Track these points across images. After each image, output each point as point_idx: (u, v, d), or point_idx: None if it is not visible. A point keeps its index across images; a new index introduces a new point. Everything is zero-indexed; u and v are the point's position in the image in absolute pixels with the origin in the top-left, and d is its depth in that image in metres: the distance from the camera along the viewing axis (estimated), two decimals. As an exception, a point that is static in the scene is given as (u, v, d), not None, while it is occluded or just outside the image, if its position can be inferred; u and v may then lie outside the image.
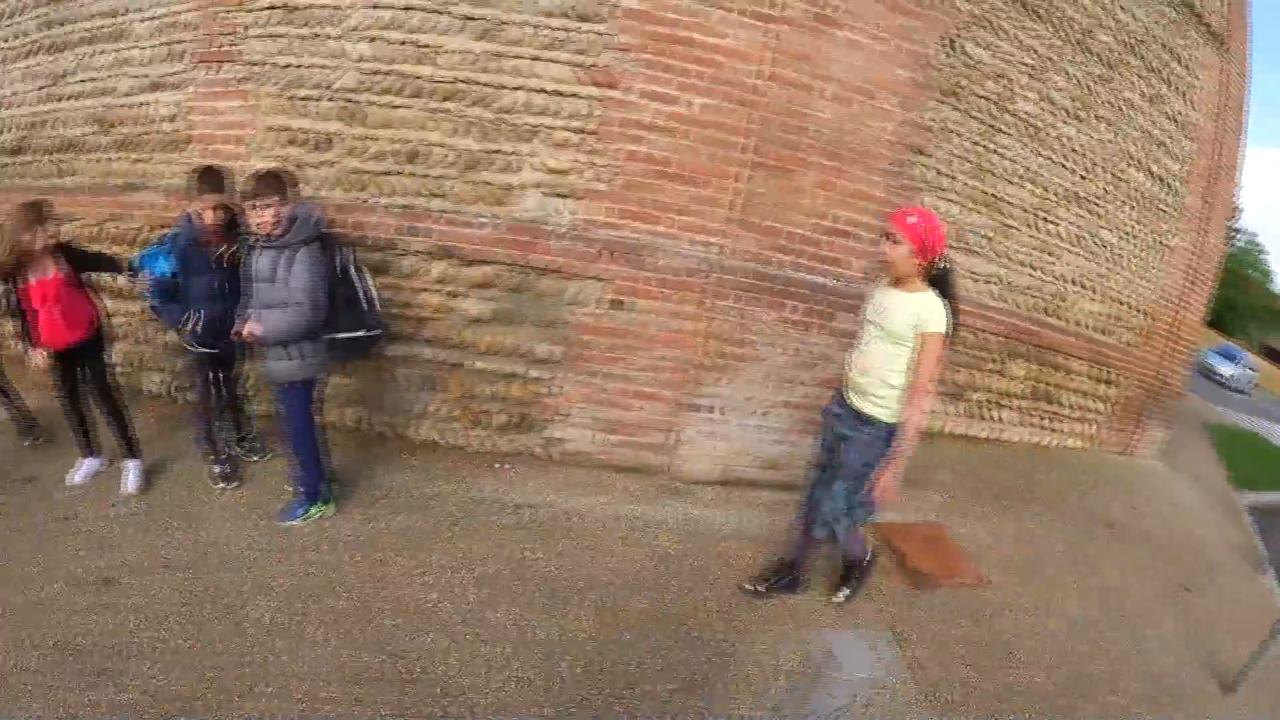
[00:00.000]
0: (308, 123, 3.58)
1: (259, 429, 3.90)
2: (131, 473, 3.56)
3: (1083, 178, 4.63)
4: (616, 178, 3.44)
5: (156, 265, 3.11)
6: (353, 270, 3.00)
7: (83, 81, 4.24)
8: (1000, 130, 4.39)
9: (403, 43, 3.43)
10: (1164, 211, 5.23)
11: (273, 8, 3.52)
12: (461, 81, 3.40)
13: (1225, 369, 18.13)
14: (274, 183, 2.77)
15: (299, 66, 3.57)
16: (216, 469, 3.63)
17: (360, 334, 3.00)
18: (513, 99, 3.40)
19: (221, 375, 3.52)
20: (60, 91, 4.36)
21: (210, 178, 3.03)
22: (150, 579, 3.07)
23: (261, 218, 2.74)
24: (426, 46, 3.42)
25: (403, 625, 2.98)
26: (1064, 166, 4.58)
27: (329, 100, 3.54)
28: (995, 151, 4.37)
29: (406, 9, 3.42)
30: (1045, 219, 4.57)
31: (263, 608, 2.95)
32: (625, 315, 3.51)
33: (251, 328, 2.86)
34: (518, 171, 3.45)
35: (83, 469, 3.78)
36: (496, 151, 3.44)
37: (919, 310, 2.45)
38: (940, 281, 2.48)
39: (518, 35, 3.37)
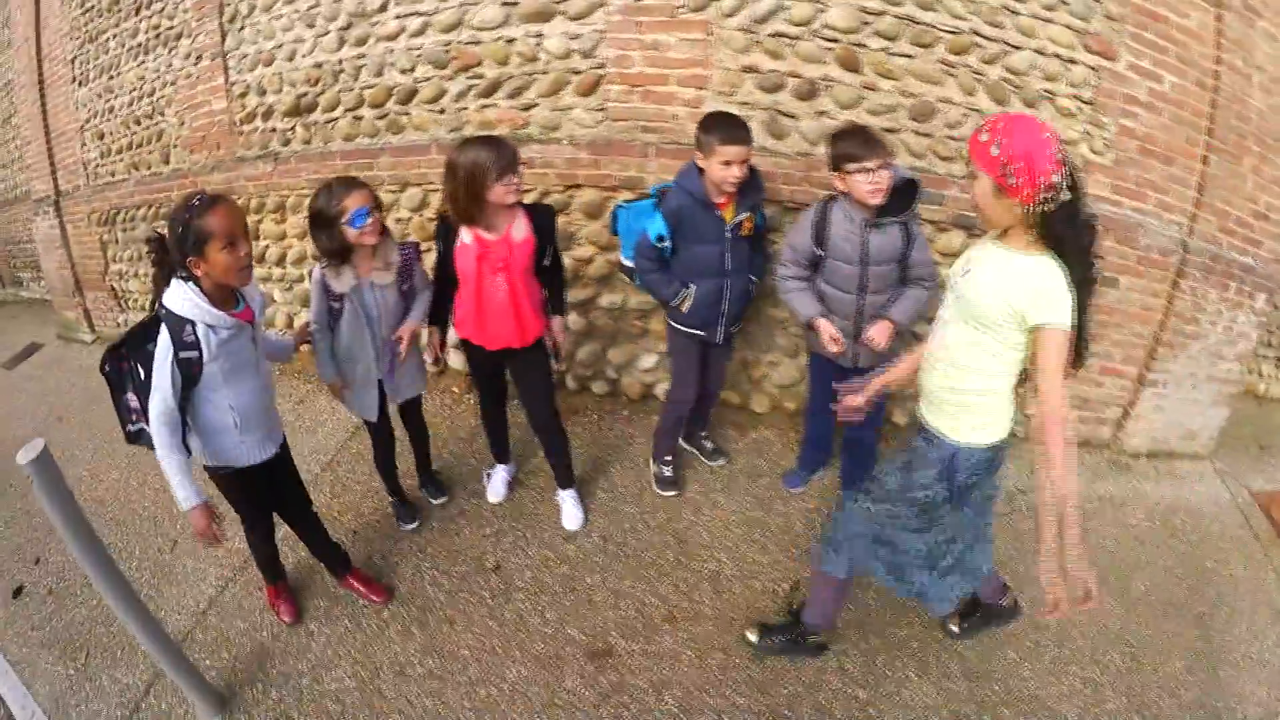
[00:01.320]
0: (788, 65, 3.18)
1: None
2: (570, 504, 3.04)
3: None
4: (1111, 151, 3.35)
5: (652, 225, 2.62)
6: None
7: (403, 16, 3.53)
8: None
9: (907, -20, 3.13)
10: None
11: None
12: (972, 34, 3.15)
13: None
14: (880, 140, 2.41)
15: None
16: (667, 473, 3.16)
17: None
18: (1020, 59, 3.20)
19: (710, 362, 3.01)
20: (365, 33, 3.64)
21: (729, 125, 2.45)
22: (661, 640, 2.53)
23: (880, 183, 2.37)
24: (930, -12, 3.14)
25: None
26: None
27: (811, 40, 3.16)
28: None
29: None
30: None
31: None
32: (1113, 293, 3.48)
33: (882, 332, 2.56)
34: (1026, 137, 3.25)
35: (498, 479, 3.17)
36: (1008, 115, 3.22)
37: (1022, 285, 1.56)
38: (1061, 229, 1.53)
39: (1022, -11, 3.18)
